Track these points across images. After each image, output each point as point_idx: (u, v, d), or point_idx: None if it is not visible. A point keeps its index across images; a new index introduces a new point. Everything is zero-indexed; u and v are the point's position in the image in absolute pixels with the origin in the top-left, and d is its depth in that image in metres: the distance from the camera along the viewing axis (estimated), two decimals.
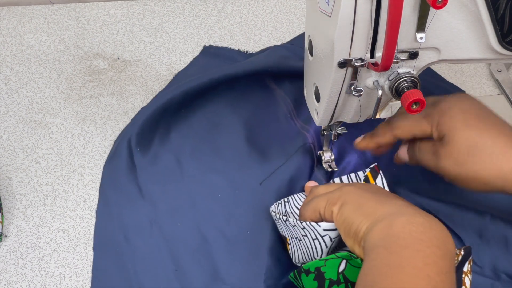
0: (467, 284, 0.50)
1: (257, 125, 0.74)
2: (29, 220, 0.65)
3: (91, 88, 0.79)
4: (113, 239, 0.63)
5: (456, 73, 0.85)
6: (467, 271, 0.50)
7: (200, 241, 0.63)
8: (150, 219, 0.65)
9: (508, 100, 0.82)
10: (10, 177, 0.69)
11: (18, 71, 0.80)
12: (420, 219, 0.45)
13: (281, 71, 0.78)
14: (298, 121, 0.74)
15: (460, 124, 0.53)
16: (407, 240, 0.43)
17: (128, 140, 0.70)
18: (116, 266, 0.61)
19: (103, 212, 0.66)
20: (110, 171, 0.69)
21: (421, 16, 0.48)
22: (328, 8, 0.49)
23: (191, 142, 0.72)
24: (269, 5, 0.93)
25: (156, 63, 0.83)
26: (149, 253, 0.62)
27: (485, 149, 0.52)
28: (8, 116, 0.75)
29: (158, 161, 0.70)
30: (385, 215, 0.46)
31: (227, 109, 0.75)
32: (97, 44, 0.85)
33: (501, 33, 0.51)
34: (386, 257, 0.43)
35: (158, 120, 0.72)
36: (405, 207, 0.48)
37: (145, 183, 0.68)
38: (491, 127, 0.53)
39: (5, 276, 0.60)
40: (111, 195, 0.67)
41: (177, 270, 0.60)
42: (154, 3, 0.92)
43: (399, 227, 0.45)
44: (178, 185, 0.68)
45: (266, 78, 0.78)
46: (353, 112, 0.58)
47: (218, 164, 0.70)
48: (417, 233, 0.44)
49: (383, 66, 0.48)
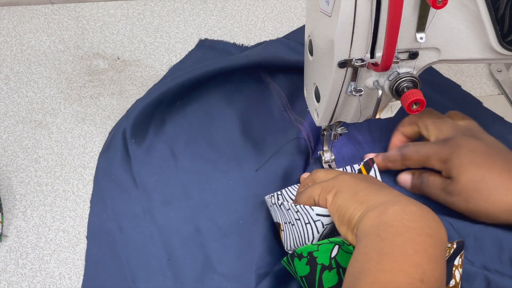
0: (457, 277, 0.50)
1: (252, 118, 0.75)
2: (29, 220, 0.65)
3: (91, 88, 0.79)
4: (107, 229, 0.64)
5: (456, 73, 0.85)
6: (458, 265, 0.51)
7: (193, 231, 0.64)
8: (144, 208, 0.65)
9: (508, 100, 0.82)
10: (10, 177, 0.69)
11: (18, 71, 0.80)
12: (413, 208, 0.46)
13: (276, 65, 0.78)
14: (292, 114, 0.75)
15: (467, 162, 0.56)
16: (399, 228, 0.44)
17: (123, 132, 0.71)
18: (109, 255, 0.62)
19: (97, 202, 0.67)
20: (104, 162, 0.70)
21: (421, 16, 0.48)
22: (328, 8, 0.49)
23: (186, 133, 0.73)
24: (269, 5, 0.93)
25: (156, 63, 0.83)
26: (142, 242, 0.63)
27: (491, 185, 0.55)
28: (8, 116, 0.75)
29: (153, 152, 0.71)
30: (378, 203, 0.47)
31: (222, 102, 0.76)
32: (97, 44, 0.85)
33: (501, 33, 0.51)
34: (377, 243, 0.43)
35: (153, 112, 0.73)
36: (398, 196, 0.48)
37: (139, 174, 0.68)
38: (497, 163, 0.56)
39: (5, 276, 0.60)
40: (105, 185, 0.68)
41: (170, 260, 0.61)
42: (154, 3, 0.92)
43: (392, 215, 0.45)
44: (172, 176, 0.68)
45: (261, 72, 0.79)
46: (353, 112, 0.58)
47: (212, 155, 0.71)
48: (409, 222, 0.44)
49: (383, 66, 0.48)
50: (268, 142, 0.72)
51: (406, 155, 0.62)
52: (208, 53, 0.84)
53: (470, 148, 0.57)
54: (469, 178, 0.56)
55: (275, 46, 0.81)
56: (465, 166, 0.56)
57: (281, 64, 0.78)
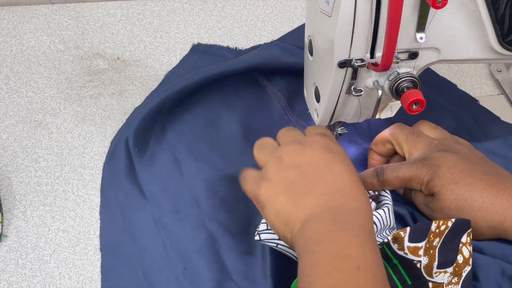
0: (465, 254, 0.51)
1: (252, 121, 0.75)
2: (29, 220, 0.65)
3: (91, 88, 0.79)
4: (120, 240, 0.63)
5: (456, 73, 0.85)
6: (466, 242, 0.52)
7: (206, 238, 0.63)
8: (154, 218, 0.65)
9: (508, 100, 0.82)
10: (10, 177, 0.68)
11: (18, 71, 0.80)
12: (327, 216, 0.47)
13: (272, 68, 0.78)
14: (292, 116, 0.75)
15: (449, 182, 0.56)
16: (318, 238, 0.46)
17: (125, 141, 0.70)
18: (125, 266, 0.61)
19: (106, 213, 0.66)
20: (110, 172, 0.69)
21: (421, 16, 0.48)
22: (328, 8, 0.49)
23: (187, 140, 0.72)
24: (269, 5, 0.93)
25: (156, 63, 0.83)
26: (156, 252, 0.62)
27: (475, 205, 0.55)
28: (8, 116, 0.75)
29: (156, 161, 0.70)
30: (295, 222, 0.49)
31: (222, 106, 0.76)
32: (97, 44, 0.85)
33: (501, 33, 0.51)
34: (308, 258, 0.45)
35: (153, 120, 0.73)
36: (312, 207, 0.49)
37: (145, 183, 0.68)
38: (479, 179, 0.56)
39: (5, 276, 0.60)
40: (113, 195, 0.67)
41: (186, 269, 0.61)
42: (154, 3, 0.92)
43: (309, 232, 0.47)
44: (178, 184, 0.68)
45: (257, 75, 0.79)
46: (353, 112, 0.58)
47: (216, 162, 0.70)
48: (325, 227, 0.46)
49: (383, 66, 0.48)
50: None
51: (385, 181, 0.60)
52: (202, 58, 0.84)
53: (449, 165, 0.56)
54: (452, 198, 0.55)
55: (271, 49, 0.82)
56: (446, 187, 0.56)
57: (277, 68, 0.78)
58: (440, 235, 0.50)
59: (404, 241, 0.50)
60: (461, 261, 0.51)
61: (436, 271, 0.51)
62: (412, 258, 0.50)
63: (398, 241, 0.50)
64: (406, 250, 0.50)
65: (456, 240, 0.51)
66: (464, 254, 0.51)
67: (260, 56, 0.79)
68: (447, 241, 0.51)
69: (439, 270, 0.51)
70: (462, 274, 0.51)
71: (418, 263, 0.50)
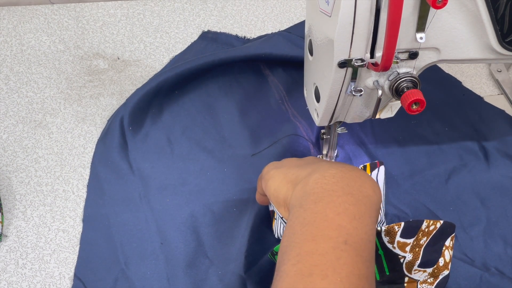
0: (447, 257, 0.52)
1: (249, 107, 0.76)
2: (29, 220, 0.65)
3: (91, 88, 0.79)
4: (102, 213, 0.65)
5: (456, 73, 0.85)
6: (449, 246, 0.52)
7: (187, 216, 0.65)
8: (140, 194, 0.67)
9: (508, 100, 0.82)
10: (10, 177, 0.69)
11: (18, 71, 0.80)
12: (332, 171, 0.46)
13: (276, 58, 0.79)
14: (290, 108, 0.76)
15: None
16: (319, 194, 0.44)
17: (120, 119, 0.72)
18: (104, 238, 0.63)
19: (94, 187, 0.67)
20: (102, 148, 0.71)
21: (421, 16, 0.48)
22: (328, 8, 0.49)
23: (182, 121, 0.74)
24: (269, 5, 0.93)
25: (156, 63, 0.83)
26: (137, 226, 0.64)
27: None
28: (8, 116, 0.75)
29: (149, 139, 0.72)
30: (303, 177, 0.47)
31: (220, 92, 0.78)
32: (97, 44, 0.85)
33: (501, 33, 0.51)
34: (300, 215, 0.43)
35: (151, 101, 0.74)
36: (322, 165, 0.48)
37: (135, 160, 0.69)
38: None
39: (5, 276, 0.60)
40: (102, 170, 0.69)
41: (163, 244, 0.62)
42: (154, 3, 0.92)
43: (312, 183, 0.45)
44: (168, 163, 0.70)
45: (260, 64, 0.80)
46: (353, 112, 0.58)
47: (208, 143, 0.72)
48: (329, 185, 0.44)
49: (383, 66, 0.48)
50: (263, 132, 0.73)
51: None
52: (210, 45, 0.85)
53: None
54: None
55: (276, 39, 0.82)
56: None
57: (280, 58, 0.79)
58: (428, 235, 0.51)
59: (396, 236, 0.50)
60: (441, 264, 0.52)
61: (416, 269, 0.51)
62: (398, 253, 0.51)
63: (391, 234, 0.50)
64: (395, 244, 0.50)
65: (441, 242, 0.52)
66: (445, 257, 0.52)
67: (264, 46, 0.80)
68: (432, 242, 0.51)
69: (419, 269, 0.51)
70: (439, 277, 0.52)
71: (402, 258, 0.51)
